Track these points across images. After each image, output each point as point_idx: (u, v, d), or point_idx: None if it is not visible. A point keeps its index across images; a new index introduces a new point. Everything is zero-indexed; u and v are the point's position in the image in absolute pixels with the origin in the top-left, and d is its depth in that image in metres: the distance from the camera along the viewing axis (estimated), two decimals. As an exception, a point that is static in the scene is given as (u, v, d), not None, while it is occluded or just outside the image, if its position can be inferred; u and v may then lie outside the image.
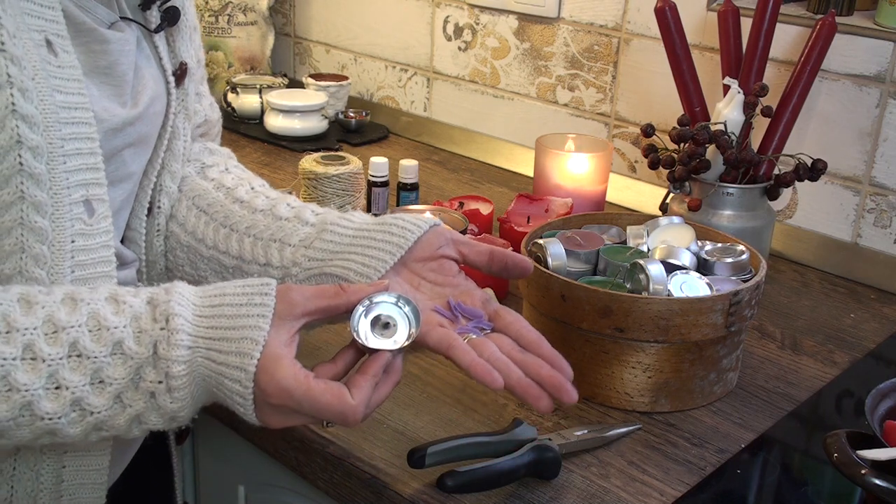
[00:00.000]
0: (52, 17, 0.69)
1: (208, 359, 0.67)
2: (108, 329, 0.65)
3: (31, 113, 0.66)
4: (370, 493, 0.84)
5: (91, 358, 0.64)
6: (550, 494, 0.82)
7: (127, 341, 0.65)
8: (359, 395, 0.68)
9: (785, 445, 0.94)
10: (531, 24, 1.59)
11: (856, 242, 1.30)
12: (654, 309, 0.90)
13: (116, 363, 0.65)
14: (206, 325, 0.67)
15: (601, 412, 0.94)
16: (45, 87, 0.67)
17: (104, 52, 0.74)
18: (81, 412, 0.65)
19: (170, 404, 0.67)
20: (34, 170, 0.66)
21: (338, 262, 0.81)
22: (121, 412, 0.66)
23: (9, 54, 0.64)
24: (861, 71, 1.24)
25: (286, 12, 2.02)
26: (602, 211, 1.33)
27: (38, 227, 0.67)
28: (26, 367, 0.63)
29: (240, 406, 0.68)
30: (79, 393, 0.64)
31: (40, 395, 0.63)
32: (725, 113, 1.20)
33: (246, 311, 0.68)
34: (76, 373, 0.64)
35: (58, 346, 0.64)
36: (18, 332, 0.63)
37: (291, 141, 1.70)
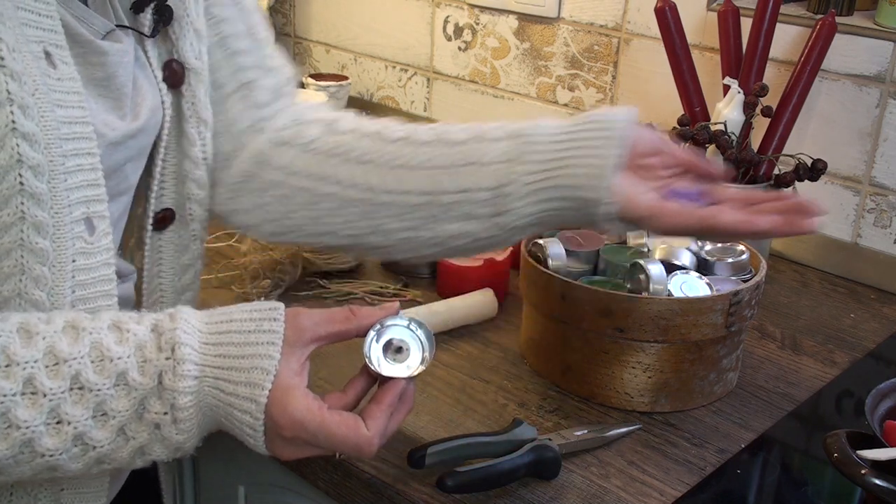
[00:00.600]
0: (51, 27, 0.66)
1: (217, 388, 0.65)
2: (111, 360, 0.63)
3: (32, 130, 0.63)
4: (370, 493, 0.84)
5: (94, 391, 0.63)
6: (550, 494, 0.82)
7: (131, 372, 0.63)
8: (374, 426, 0.67)
9: (785, 445, 0.94)
10: (531, 24, 1.59)
11: (856, 242, 1.30)
12: (654, 309, 0.90)
13: (120, 395, 0.63)
14: (213, 353, 0.65)
15: (601, 412, 0.94)
16: (45, 103, 0.65)
17: (101, 65, 0.72)
18: (84, 447, 0.63)
19: (175, 436, 0.65)
20: (35, 189, 0.64)
21: (558, 170, 0.74)
22: (124, 445, 0.64)
23: (8, 70, 0.62)
24: (861, 71, 1.24)
25: (286, 12, 2.02)
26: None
27: (39, 248, 0.65)
28: (27, 402, 0.61)
29: (250, 438, 0.66)
30: (81, 427, 0.62)
31: (41, 432, 0.61)
32: (725, 113, 1.20)
33: (255, 338, 0.66)
34: (78, 406, 0.62)
35: (59, 380, 0.62)
36: (18, 365, 0.61)
37: (291, 141, 1.70)
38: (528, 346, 1.03)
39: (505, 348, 1.05)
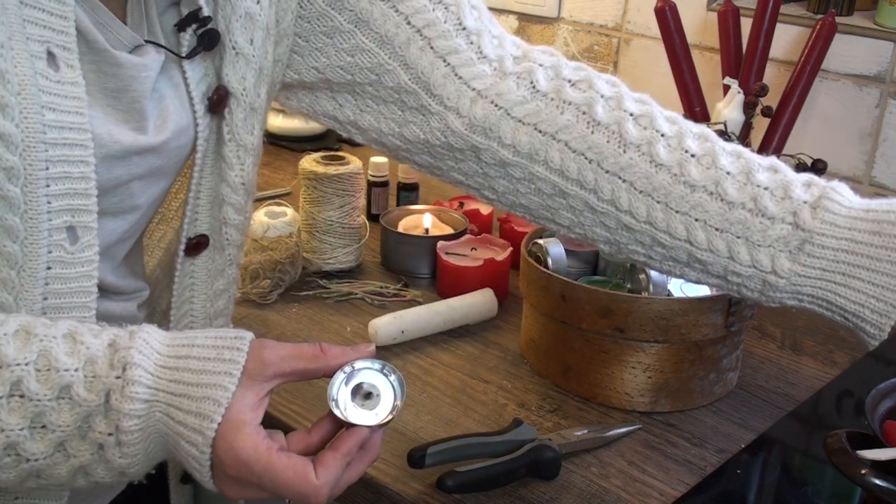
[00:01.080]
0: (61, 28, 0.64)
1: (167, 415, 0.61)
2: (57, 371, 0.60)
3: (10, 132, 0.61)
4: (370, 493, 0.84)
5: (33, 400, 0.59)
6: (550, 494, 0.82)
7: (76, 386, 0.60)
8: (325, 474, 0.62)
9: (785, 445, 0.94)
10: (531, 24, 1.59)
11: (856, 242, 1.30)
12: (654, 309, 0.90)
13: (62, 408, 0.60)
14: (168, 377, 0.62)
15: (601, 412, 0.94)
16: (32, 104, 0.62)
17: (115, 76, 0.69)
18: (17, 458, 0.60)
19: (119, 459, 0.62)
20: (7, 192, 0.62)
21: (841, 288, 0.71)
22: (63, 462, 0.61)
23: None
24: (861, 71, 1.24)
25: (286, 12, 2.01)
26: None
27: (7, 251, 0.63)
28: None
29: (196, 472, 0.62)
30: (14, 437, 0.59)
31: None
32: (725, 113, 1.20)
33: (213, 366, 0.62)
34: (14, 415, 0.59)
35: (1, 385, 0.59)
36: None
37: (291, 141, 1.70)
38: (528, 346, 1.03)
39: (505, 348, 1.05)
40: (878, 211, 0.71)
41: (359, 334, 1.07)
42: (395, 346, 1.04)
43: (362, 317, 1.10)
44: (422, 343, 1.05)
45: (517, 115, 0.78)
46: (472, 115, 0.79)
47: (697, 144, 0.77)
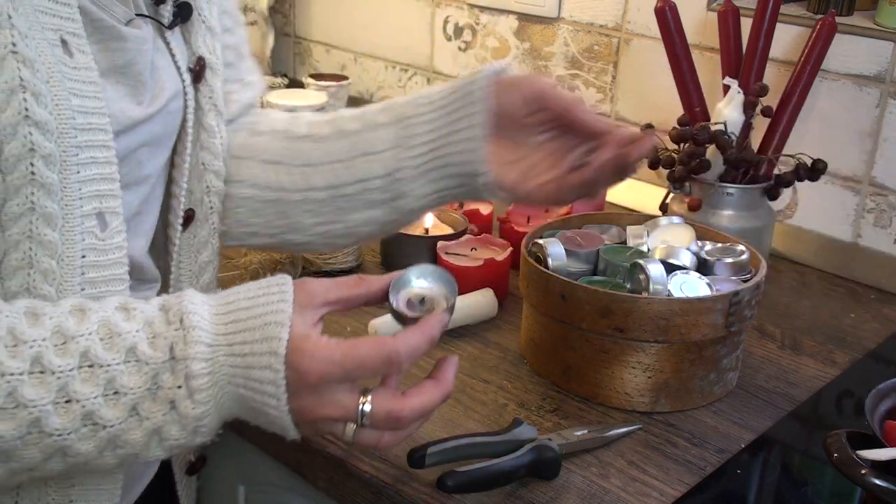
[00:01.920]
0: (69, 15, 0.66)
1: (231, 354, 0.63)
2: (119, 335, 0.62)
3: (46, 119, 0.63)
4: (370, 493, 0.84)
5: (104, 367, 0.61)
6: (550, 494, 0.82)
7: (140, 346, 0.62)
8: (404, 338, 0.65)
9: (785, 445, 0.94)
10: (531, 24, 1.59)
11: (856, 242, 1.30)
12: (654, 309, 0.90)
13: (131, 371, 0.61)
14: (224, 321, 0.64)
15: (601, 412, 0.94)
16: (60, 91, 0.64)
17: (121, 51, 0.71)
18: (93, 427, 0.61)
19: (192, 410, 0.62)
20: (46, 179, 0.63)
21: (437, 151, 0.80)
22: (137, 425, 0.62)
23: (21, 56, 0.61)
24: (861, 71, 1.24)
25: (286, 12, 2.02)
26: (602, 211, 1.33)
27: (48, 240, 0.65)
28: (34, 381, 0.59)
29: (272, 398, 0.63)
30: (90, 406, 0.60)
31: (49, 411, 0.59)
32: (725, 113, 1.20)
33: (265, 300, 0.64)
34: (88, 384, 0.60)
35: (68, 357, 0.61)
36: (26, 344, 0.60)
37: (291, 141, 1.70)
38: (528, 346, 1.03)
39: (505, 348, 1.05)
40: (456, 86, 0.81)
41: (359, 334, 1.07)
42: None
43: (362, 317, 1.10)
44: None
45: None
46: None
47: (331, 115, 0.89)
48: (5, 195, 0.63)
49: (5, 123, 0.61)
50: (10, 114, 0.61)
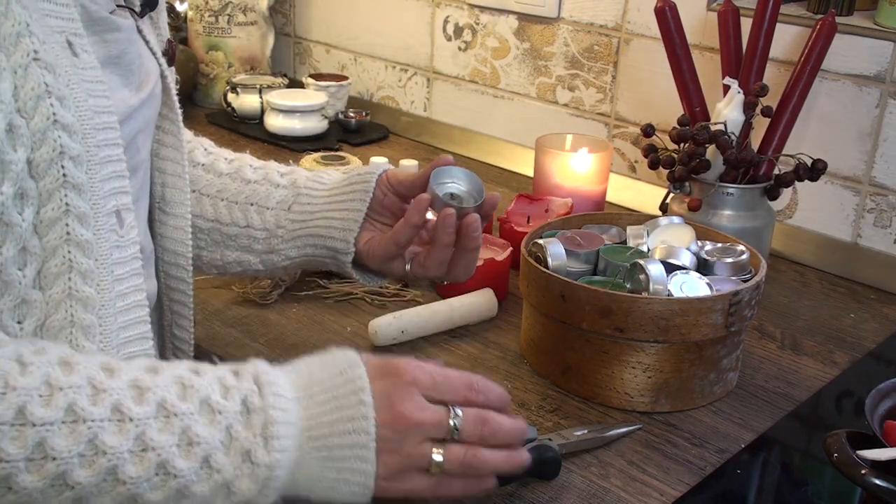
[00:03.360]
0: (69, 16, 0.67)
1: (317, 404, 0.65)
2: (193, 387, 0.62)
3: (71, 122, 0.64)
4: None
5: (179, 416, 0.61)
6: (550, 494, 0.82)
7: (214, 396, 0.63)
8: (483, 377, 0.71)
9: (785, 445, 0.94)
10: (531, 24, 1.59)
11: (856, 242, 1.30)
12: (654, 309, 0.90)
13: (205, 421, 0.62)
14: (301, 382, 0.66)
15: (601, 412, 0.94)
16: (79, 93, 0.65)
17: (115, 41, 0.73)
18: (165, 476, 0.60)
19: (265, 458, 0.62)
20: (77, 180, 0.64)
21: (318, 221, 0.89)
22: (207, 477, 0.61)
23: (43, 63, 0.62)
24: (861, 71, 1.24)
25: (286, 12, 2.02)
26: (602, 211, 1.33)
27: (84, 239, 0.65)
28: (113, 427, 0.59)
29: (362, 434, 0.64)
30: (165, 455, 0.60)
31: (126, 459, 0.59)
32: (725, 113, 1.20)
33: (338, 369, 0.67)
34: (164, 433, 0.60)
35: (145, 406, 0.60)
36: (106, 392, 0.60)
37: (291, 141, 1.70)
38: (528, 346, 1.03)
39: (505, 348, 1.05)
40: (352, 175, 0.92)
41: (359, 334, 1.07)
42: (395, 346, 1.04)
43: (362, 317, 1.10)
44: (422, 343, 1.05)
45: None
46: None
47: (232, 155, 0.97)
48: (40, 200, 0.64)
49: (35, 129, 0.62)
50: (38, 120, 0.62)
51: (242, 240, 0.93)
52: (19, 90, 0.61)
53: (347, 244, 0.88)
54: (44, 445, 0.57)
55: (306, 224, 0.90)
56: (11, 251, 0.63)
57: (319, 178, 0.93)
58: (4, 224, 0.62)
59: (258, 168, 0.94)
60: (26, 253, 0.64)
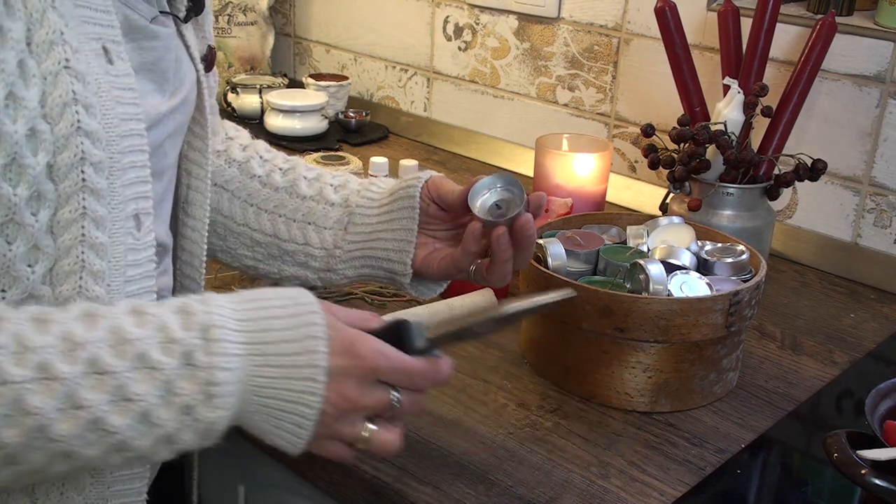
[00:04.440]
0: (109, 23, 0.68)
1: (266, 365, 0.64)
2: (129, 342, 0.61)
3: (95, 129, 0.65)
4: (370, 493, 0.84)
5: (113, 374, 0.60)
6: (550, 494, 0.82)
7: (152, 352, 0.62)
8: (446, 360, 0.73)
9: (785, 445, 0.94)
10: (531, 24, 1.59)
11: (856, 242, 1.30)
12: (654, 309, 0.90)
13: (142, 378, 0.61)
14: (253, 328, 0.65)
15: (601, 412, 0.94)
16: (108, 100, 0.66)
17: (152, 49, 0.73)
18: (102, 433, 0.61)
19: (208, 414, 0.63)
20: (96, 185, 0.65)
21: (374, 243, 0.89)
22: (147, 432, 0.62)
23: (73, 71, 0.63)
24: (861, 71, 1.24)
25: (286, 12, 2.02)
26: (602, 211, 1.33)
27: (99, 242, 0.66)
28: (41, 388, 0.59)
29: (306, 408, 0.65)
30: (98, 413, 0.60)
31: (54, 418, 0.59)
32: (725, 113, 1.20)
33: (295, 310, 0.66)
34: (96, 391, 0.60)
35: (76, 364, 0.60)
36: (32, 351, 0.59)
37: (291, 141, 1.70)
38: (528, 346, 1.03)
39: (505, 348, 1.05)
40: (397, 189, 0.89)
41: (359, 334, 1.07)
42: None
43: (362, 317, 1.10)
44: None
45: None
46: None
47: (287, 164, 0.97)
48: (58, 203, 0.65)
49: (59, 135, 0.63)
50: (63, 126, 0.63)
51: (300, 256, 0.93)
52: (47, 97, 0.62)
53: (405, 266, 0.88)
54: None
55: (363, 245, 0.90)
56: (21, 248, 0.64)
57: (369, 191, 0.92)
58: (17, 224, 0.63)
59: (312, 181, 0.93)
60: (38, 251, 0.65)
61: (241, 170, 0.95)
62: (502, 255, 0.82)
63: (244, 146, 0.97)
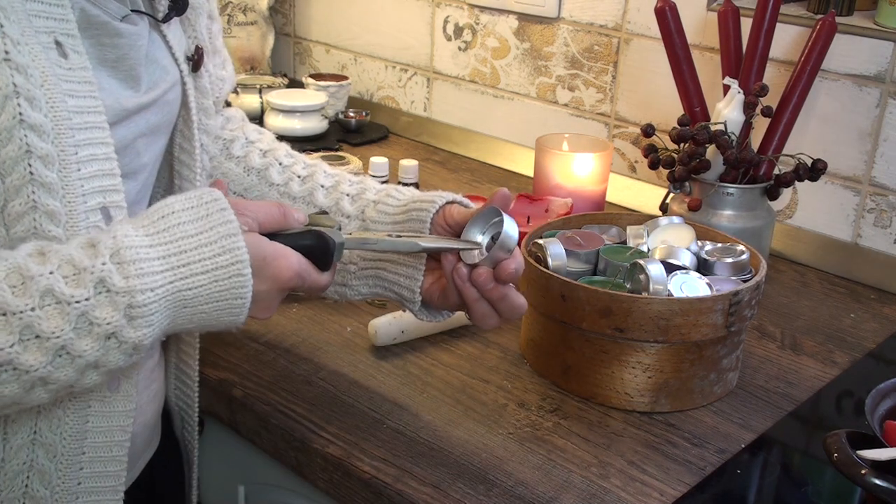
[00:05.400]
0: (62, 16, 0.67)
1: (189, 276, 0.66)
2: (32, 279, 0.61)
3: (41, 122, 0.64)
4: (370, 493, 0.84)
5: (16, 314, 0.60)
6: (550, 494, 0.82)
7: (58, 286, 0.61)
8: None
9: (785, 445, 0.94)
10: (531, 24, 1.59)
11: (856, 242, 1.30)
12: (654, 309, 0.90)
13: (50, 314, 0.61)
14: (163, 239, 0.66)
15: (601, 412, 0.94)
16: (56, 94, 0.66)
17: (114, 46, 0.73)
18: (15, 371, 0.61)
19: (133, 334, 0.64)
20: (46, 179, 0.65)
21: (385, 264, 0.86)
22: (68, 363, 0.62)
23: (14, 63, 0.63)
24: (861, 71, 1.24)
25: (286, 12, 2.02)
26: (602, 211, 1.33)
27: (53, 235, 0.66)
28: None
29: (238, 301, 0.68)
30: (4, 356, 0.60)
31: None
32: (725, 113, 1.20)
33: (205, 210, 0.68)
34: (2, 333, 0.60)
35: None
36: None
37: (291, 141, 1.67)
38: (528, 346, 1.03)
39: (505, 348, 1.05)
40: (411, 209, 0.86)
41: (359, 334, 1.07)
42: (395, 346, 1.04)
43: (362, 317, 1.10)
44: (422, 343, 1.05)
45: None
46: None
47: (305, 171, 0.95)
48: (6, 196, 0.64)
49: (0, 128, 0.63)
50: (4, 119, 0.63)
51: None
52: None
53: (413, 293, 0.85)
54: None
55: (375, 265, 0.88)
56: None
57: (385, 204, 0.89)
58: None
59: (329, 189, 0.92)
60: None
61: (260, 178, 0.94)
62: (468, 294, 0.80)
63: (264, 151, 0.96)
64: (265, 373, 0.99)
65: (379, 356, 1.03)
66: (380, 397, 0.95)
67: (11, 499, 0.71)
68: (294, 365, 1.00)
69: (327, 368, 1.00)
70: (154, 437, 0.88)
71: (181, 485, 0.97)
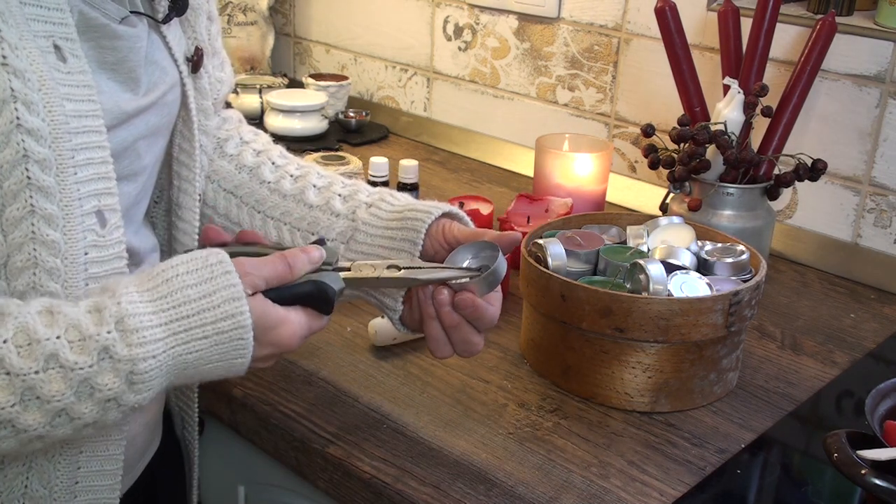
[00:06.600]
0: (60, 20, 0.67)
1: (190, 341, 0.66)
2: (38, 342, 0.62)
3: (38, 126, 0.64)
4: (370, 493, 0.84)
5: (20, 376, 0.61)
6: (550, 494, 0.82)
7: (63, 352, 0.62)
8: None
9: (785, 445, 0.94)
10: (531, 24, 1.59)
11: (856, 242, 1.30)
12: (654, 309, 0.90)
13: (53, 378, 0.62)
14: (167, 305, 0.66)
15: (601, 412, 0.94)
16: (53, 98, 0.65)
17: (113, 49, 0.73)
18: (13, 430, 0.62)
19: (134, 398, 0.65)
20: (43, 182, 0.65)
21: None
22: (66, 423, 0.63)
23: (11, 68, 0.63)
24: (861, 71, 1.24)
25: (286, 12, 2.02)
26: (602, 211, 1.33)
27: (51, 239, 0.66)
28: None
29: (240, 359, 0.68)
30: (5, 415, 0.61)
31: None
32: (725, 113, 1.20)
33: (208, 273, 0.68)
34: (3, 392, 0.60)
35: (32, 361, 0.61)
36: None
37: (291, 141, 1.70)
38: (528, 346, 1.03)
39: (505, 348, 1.05)
40: (407, 217, 0.84)
41: (359, 334, 1.07)
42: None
43: (362, 317, 1.10)
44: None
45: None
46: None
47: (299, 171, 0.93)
48: (3, 200, 0.64)
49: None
50: (1, 123, 0.63)
51: None
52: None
53: (395, 302, 0.84)
54: None
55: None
56: None
57: (379, 208, 0.87)
58: None
59: (322, 189, 0.91)
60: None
61: (252, 175, 0.93)
62: (426, 310, 0.79)
63: (258, 151, 0.96)
64: (265, 373, 0.99)
65: (379, 356, 1.03)
66: (380, 397, 0.95)
67: (11, 499, 0.71)
68: (294, 365, 1.00)
69: (327, 368, 1.00)
70: (155, 437, 0.88)
71: (182, 485, 0.97)
